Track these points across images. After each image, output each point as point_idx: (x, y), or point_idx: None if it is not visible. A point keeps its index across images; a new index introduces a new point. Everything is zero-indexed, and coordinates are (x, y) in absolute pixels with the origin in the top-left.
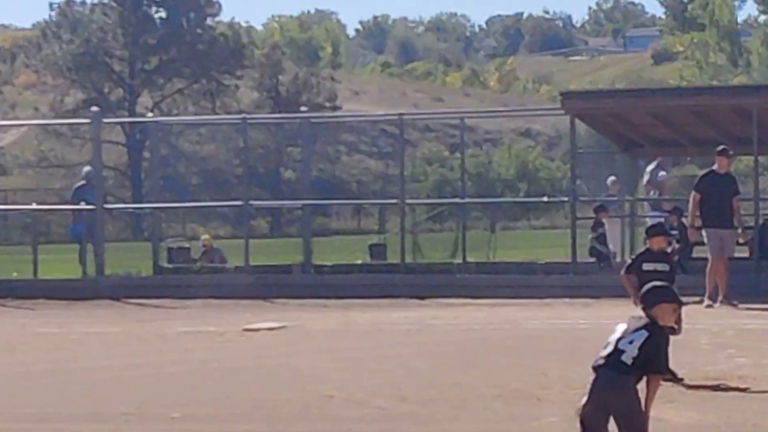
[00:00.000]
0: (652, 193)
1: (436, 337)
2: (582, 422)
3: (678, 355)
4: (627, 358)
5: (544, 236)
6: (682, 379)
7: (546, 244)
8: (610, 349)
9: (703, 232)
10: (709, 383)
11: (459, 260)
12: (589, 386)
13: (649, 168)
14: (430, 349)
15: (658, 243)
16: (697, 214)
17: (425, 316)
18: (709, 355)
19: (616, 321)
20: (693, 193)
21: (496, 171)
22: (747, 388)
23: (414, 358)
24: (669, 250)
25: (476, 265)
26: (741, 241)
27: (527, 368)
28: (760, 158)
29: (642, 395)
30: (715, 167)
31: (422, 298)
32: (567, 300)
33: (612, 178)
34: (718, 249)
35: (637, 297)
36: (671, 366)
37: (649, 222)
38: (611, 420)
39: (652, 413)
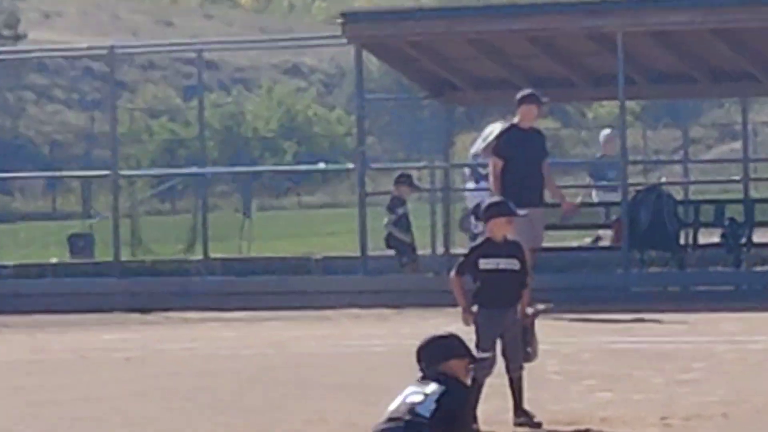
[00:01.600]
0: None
1: (166, 369)
2: None
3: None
4: (424, 411)
5: (322, 219)
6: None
7: (324, 230)
8: (395, 405)
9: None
10: (561, 427)
11: (199, 256)
12: None
13: None
14: (157, 386)
15: (500, 228)
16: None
17: (150, 337)
18: (559, 388)
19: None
20: (493, 158)
21: (250, 125)
22: None
23: (133, 401)
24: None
25: (223, 263)
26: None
27: (298, 411)
28: (629, 103)
29: None
30: (517, 120)
31: (146, 311)
32: (355, 311)
33: (606, 131)
34: (529, 235)
35: (468, 311)
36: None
37: (471, 200)
38: None
39: None
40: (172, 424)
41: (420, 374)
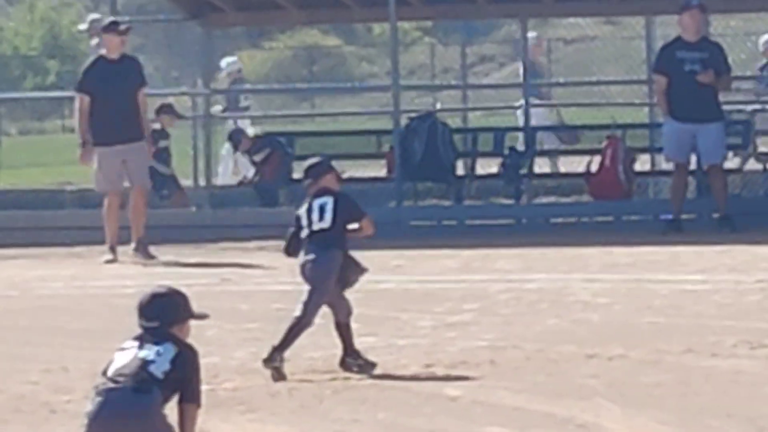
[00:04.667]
0: None
1: None
2: None
3: (275, 332)
4: (156, 370)
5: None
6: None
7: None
8: (123, 360)
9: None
10: (318, 376)
11: None
12: (86, 430)
13: None
14: None
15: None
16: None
17: None
18: (319, 332)
19: (185, 281)
20: (78, 95)
21: (11, 44)
22: (371, 383)
23: None
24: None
25: None
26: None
27: (39, 361)
28: (408, 26)
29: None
30: (103, 52)
31: None
32: (105, 248)
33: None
34: (114, 179)
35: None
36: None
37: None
38: None
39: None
40: None
41: (142, 330)
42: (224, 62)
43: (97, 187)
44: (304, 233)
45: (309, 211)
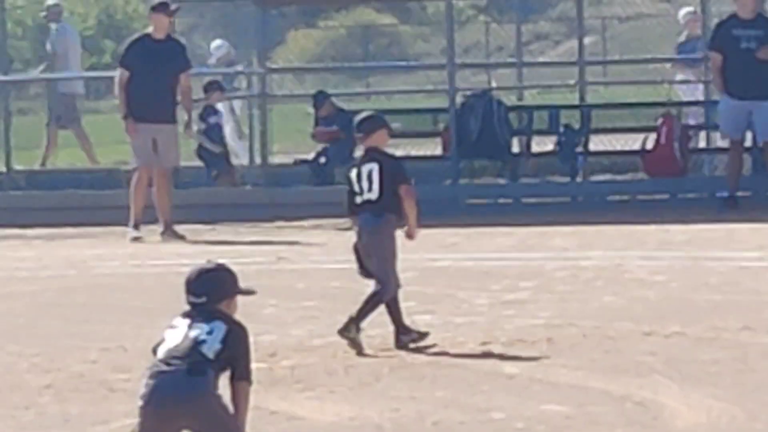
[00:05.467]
0: None
1: None
2: None
3: (332, 310)
4: (208, 350)
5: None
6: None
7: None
8: (175, 341)
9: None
10: (376, 353)
11: (1, 168)
12: (141, 413)
13: None
14: None
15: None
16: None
17: None
18: (377, 310)
19: (242, 260)
20: (119, 70)
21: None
22: (428, 361)
23: None
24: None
25: (27, 175)
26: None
27: (98, 339)
28: (463, 3)
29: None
30: (150, 30)
31: None
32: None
33: (686, 9)
34: (146, 154)
35: None
36: None
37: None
38: None
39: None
40: None
41: (190, 311)
42: (213, 46)
43: (135, 161)
44: (358, 200)
45: (359, 176)
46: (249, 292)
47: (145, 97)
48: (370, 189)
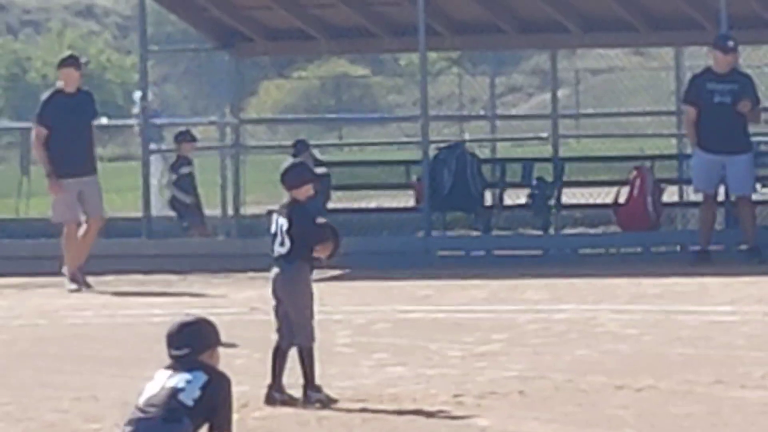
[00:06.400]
0: None
1: None
2: None
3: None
4: (187, 398)
5: (112, 173)
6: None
7: (112, 186)
8: (152, 391)
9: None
10: (348, 405)
11: None
12: None
13: None
14: None
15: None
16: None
17: None
18: (348, 362)
19: (214, 310)
20: (36, 128)
21: (39, 72)
22: (401, 412)
23: None
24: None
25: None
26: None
27: (70, 389)
28: (435, 55)
29: None
30: (61, 85)
31: None
32: (137, 277)
33: None
34: (74, 209)
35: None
36: None
37: None
38: None
39: None
40: None
41: (172, 360)
42: (136, 95)
43: (54, 217)
44: (274, 251)
45: (275, 226)
46: (228, 345)
47: (66, 152)
48: (282, 243)
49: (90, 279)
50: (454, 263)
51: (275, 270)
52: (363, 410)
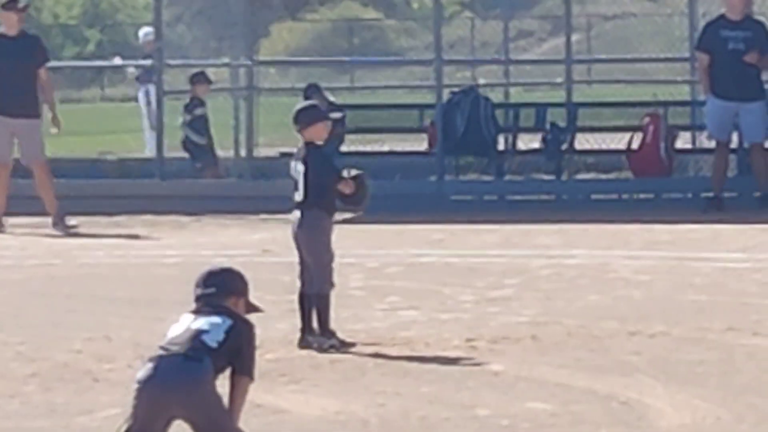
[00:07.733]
0: None
1: None
2: None
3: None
4: (211, 341)
5: (125, 114)
6: (340, 344)
7: (123, 127)
8: (176, 331)
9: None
10: (360, 349)
11: None
12: (135, 396)
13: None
14: None
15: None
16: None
17: None
18: (360, 305)
19: (226, 252)
20: None
21: (51, 12)
22: (413, 357)
23: None
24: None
25: None
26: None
27: (82, 329)
28: None
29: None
30: (2, 29)
31: None
32: (149, 218)
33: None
34: (1, 149)
35: None
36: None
37: None
38: None
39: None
40: None
41: (196, 305)
42: (141, 33)
43: None
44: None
45: (293, 174)
46: (257, 309)
47: (2, 92)
48: (299, 190)
49: (103, 219)
50: (467, 207)
51: (296, 214)
52: (375, 354)
